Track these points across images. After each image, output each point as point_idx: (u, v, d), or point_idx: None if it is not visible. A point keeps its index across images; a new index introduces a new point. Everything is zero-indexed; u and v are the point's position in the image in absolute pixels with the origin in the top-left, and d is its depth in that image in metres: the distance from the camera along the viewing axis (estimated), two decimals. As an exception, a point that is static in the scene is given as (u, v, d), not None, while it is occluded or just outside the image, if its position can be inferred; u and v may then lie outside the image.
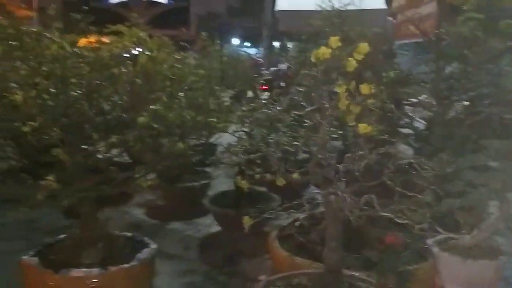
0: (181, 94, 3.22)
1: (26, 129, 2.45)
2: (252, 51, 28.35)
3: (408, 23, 10.00)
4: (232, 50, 14.50)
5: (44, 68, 2.74)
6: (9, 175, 3.32)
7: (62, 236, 3.33)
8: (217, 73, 8.78)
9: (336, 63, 2.45)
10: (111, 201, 4.91)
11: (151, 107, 2.91)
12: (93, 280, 2.87)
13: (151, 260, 3.19)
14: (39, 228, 4.29)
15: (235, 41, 31.68)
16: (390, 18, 12.04)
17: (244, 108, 4.45)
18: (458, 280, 2.31)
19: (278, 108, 3.58)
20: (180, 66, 3.35)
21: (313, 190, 3.87)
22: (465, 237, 2.27)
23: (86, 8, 3.62)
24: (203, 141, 6.27)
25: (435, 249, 2.39)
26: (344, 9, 11.69)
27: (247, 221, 2.56)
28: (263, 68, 16.87)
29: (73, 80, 2.83)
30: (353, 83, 2.40)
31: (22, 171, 2.97)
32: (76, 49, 2.92)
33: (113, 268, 2.94)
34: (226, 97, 6.82)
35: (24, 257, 3.00)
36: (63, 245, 3.22)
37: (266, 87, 10.87)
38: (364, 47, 2.39)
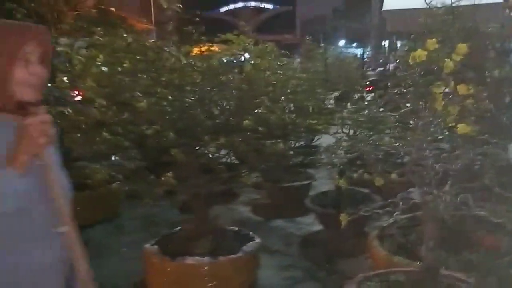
0: (282, 98, 3.43)
1: (148, 132, 2.81)
2: (359, 52, 27.96)
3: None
4: (337, 52, 14.51)
5: (163, 78, 3.11)
6: (134, 174, 3.78)
7: (177, 228, 3.71)
8: (321, 76, 8.92)
9: (434, 64, 2.50)
10: (220, 199, 5.30)
11: (255, 111, 3.16)
12: (204, 268, 3.18)
13: (256, 253, 3.44)
14: (158, 222, 4.76)
15: (341, 42, 31.48)
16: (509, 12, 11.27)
17: (346, 110, 4.55)
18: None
19: (381, 109, 3.65)
20: (282, 71, 3.56)
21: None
22: None
23: (198, 19, 3.98)
24: (306, 143, 6.46)
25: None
26: (456, 5, 11.23)
27: (343, 219, 2.69)
28: (370, 69, 16.63)
29: (187, 88, 3.17)
30: (451, 83, 2.43)
31: (145, 170, 3.38)
32: (190, 60, 3.26)
33: (221, 258, 3.23)
34: (329, 99, 6.93)
35: (146, 246, 3.41)
36: (179, 236, 3.59)
37: (372, 88, 10.73)
38: (462, 47, 2.41)
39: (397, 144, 2.80)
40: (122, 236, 4.59)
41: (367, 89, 10.27)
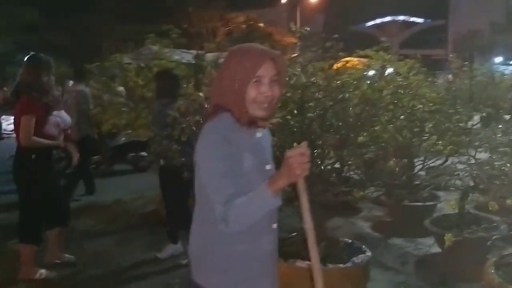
0: (402, 117, 3.50)
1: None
2: None
3: None
4: (489, 69, 13.56)
5: (288, 95, 3.41)
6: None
7: (294, 233, 3.96)
8: (465, 94, 8.49)
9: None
10: (341, 212, 5.45)
11: (371, 128, 3.30)
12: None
13: (365, 265, 3.54)
14: (280, 226, 5.07)
15: (498, 59, 29.08)
16: None
17: (483, 132, 4.38)
18: None
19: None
20: (404, 90, 3.61)
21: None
22: None
23: (338, 34, 4.20)
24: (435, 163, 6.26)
25: None
26: None
27: (448, 239, 2.70)
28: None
29: (310, 104, 3.42)
30: None
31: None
32: (313, 79, 3.50)
33: (331, 266, 3.40)
34: (473, 120, 6.59)
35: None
36: (293, 241, 3.84)
37: (526, 110, 9.88)
38: None
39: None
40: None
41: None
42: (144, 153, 8.27)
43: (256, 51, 1.67)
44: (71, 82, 8.39)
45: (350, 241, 3.93)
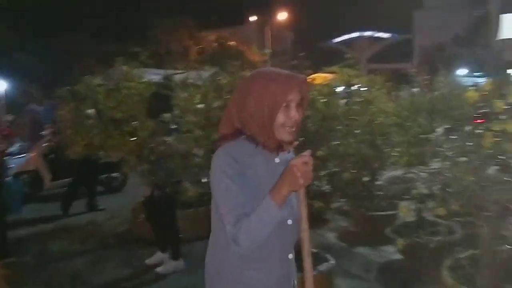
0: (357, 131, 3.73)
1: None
2: (481, 81, 26.41)
3: None
4: (451, 81, 14.03)
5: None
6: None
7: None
8: (426, 107, 8.83)
9: None
10: (310, 224, 5.64)
11: (329, 142, 3.52)
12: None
13: (329, 273, 3.73)
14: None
15: (462, 71, 30.02)
16: None
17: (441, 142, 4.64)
18: None
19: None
20: (358, 107, 3.85)
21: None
22: None
23: (305, 52, 4.43)
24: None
25: None
26: None
27: (400, 244, 2.92)
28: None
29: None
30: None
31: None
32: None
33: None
34: (435, 132, 6.86)
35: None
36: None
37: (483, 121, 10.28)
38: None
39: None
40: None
41: (477, 121, 9.88)
42: (116, 174, 8.37)
43: (285, 77, 1.65)
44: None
45: (315, 251, 4.12)
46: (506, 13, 15.74)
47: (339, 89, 6.82)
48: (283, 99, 1.62)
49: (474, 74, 30.48)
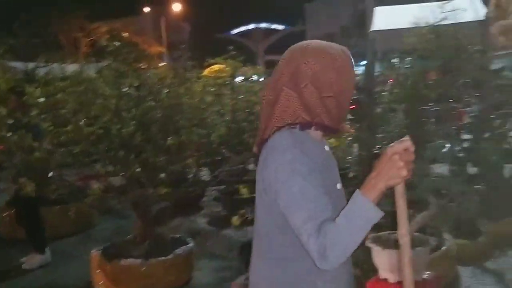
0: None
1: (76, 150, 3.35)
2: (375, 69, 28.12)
3: (499, 34, 9.67)
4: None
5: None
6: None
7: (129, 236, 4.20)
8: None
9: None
10: (185, 211, 5.85)
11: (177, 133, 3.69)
12: (136, 268, 3.69)
13: (187, 255, 3.93)
14: (126, 231, 5.29)
15: (350, 60, 31.81)
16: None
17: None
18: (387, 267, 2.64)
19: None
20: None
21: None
22: (394, 233, 2.58)
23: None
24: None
25: (371, 244, 2.76)
26: (439, 24, 11.67)
27: (235, 221, 3.20)
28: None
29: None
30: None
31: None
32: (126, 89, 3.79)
33: (152, 260, 3.73)
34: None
35: (92, 251, 3.94)
36: (125, 242, 4.10)
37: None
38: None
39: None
40: (91, 245, 5.11)
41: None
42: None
43: (345, 51, 1.43)
44: None
45: (177, 236, 4.31)
46: (379, 5, 16.98)
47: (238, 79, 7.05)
48: (354, 75, 1.44)
49: (360, 63, 32.68)
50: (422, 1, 11.90)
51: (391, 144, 1.27)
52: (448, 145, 6.80)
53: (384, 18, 15.05)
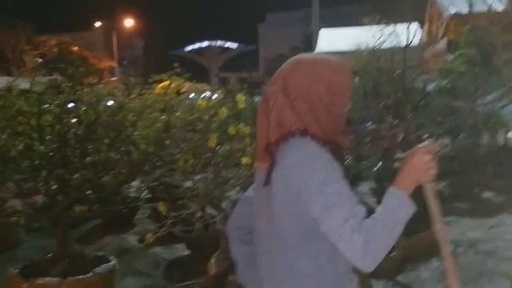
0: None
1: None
2: None
3: (429, 59, 10.23)
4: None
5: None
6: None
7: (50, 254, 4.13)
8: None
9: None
10: (117, 229, 5.80)
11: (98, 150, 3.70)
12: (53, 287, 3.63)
13: (107, 274, 3.90)
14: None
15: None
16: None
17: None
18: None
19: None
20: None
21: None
22: None
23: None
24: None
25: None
26: (379, 48, 12.09)
27: (148, 238, 3.25)
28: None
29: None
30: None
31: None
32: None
33: (70, 278, 3.69)
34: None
35: (8, 270, 3.85)
36: (45, 261, 4.03)
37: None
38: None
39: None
40: (10, 265, 4.97)
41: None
42: None
43: (340, 62, 1.50)
44: None
45: (100, 254, 4.28)
46: (325, 28, 17.57)
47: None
48: (348, 86, 1.47)
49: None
50: (363, 24, 12.46)
51: (421, 145, 1.38)
52: (380, 163, 7.11)
53: (328, 40, 15.67)
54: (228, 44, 45.53)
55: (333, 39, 14.72)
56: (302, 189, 1.34)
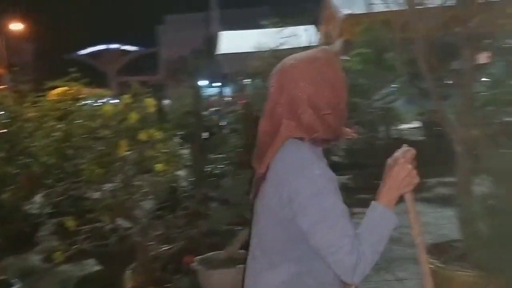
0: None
1: None
2: (226, 90, 28.68)
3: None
4: (186, 91, 14.90)
5: None
6: None
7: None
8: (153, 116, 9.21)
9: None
10: (17, 249, 5.35)
11: None
12: None
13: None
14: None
15: (204, 82, 32.29)
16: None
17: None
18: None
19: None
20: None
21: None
22: (220, 253, 2.70)
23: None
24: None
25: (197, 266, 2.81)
26: (279, 48, 12.29)
27: (58, 256, 3.05)
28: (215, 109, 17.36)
29: None
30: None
31: None
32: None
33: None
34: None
35: None
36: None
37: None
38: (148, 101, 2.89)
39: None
40: None
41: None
42: None
43: (326, 54, 1.43)
44: None
45: (3, 278, 3.93)
46: (225, 30, 17.65)
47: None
48: (344, 76, 1.42)
49: (213, 84, 33.46)
50: (262, 27, 12.73)
51: (396, 153, 1.36)
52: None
53: (229, 42, 15.74)
54: (127, 47, 44.13)
55: (234, 41, 14.86)
56: (293, 199, 1.29)
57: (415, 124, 11.14)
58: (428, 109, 7.32)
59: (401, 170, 1.33)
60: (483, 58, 4.16)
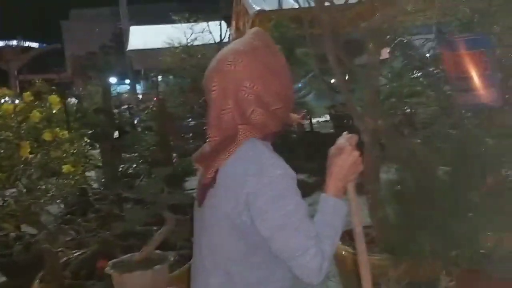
0: None
1: None
2: (138, 87, 27.85)
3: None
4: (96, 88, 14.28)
5: None
6: None
7: None
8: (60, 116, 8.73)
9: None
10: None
11: None
12: None
13: None
14: None
15: (114, 79, 31.19)
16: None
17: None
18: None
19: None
20: None
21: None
22: (135, 255, 2.63)
23: None
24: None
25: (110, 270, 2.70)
26: (191, 44, 12.14)
27: None
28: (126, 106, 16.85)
29: None
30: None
31: None
32: None
33: None
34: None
35: None
36: None
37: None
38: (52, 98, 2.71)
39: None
40: None
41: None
42: None
43: (259, 39, 1.33)
44: None
45: None
46: (134, 25, 17.16)
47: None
48: (284, 60, 1.33)
49: (125, 81, 32.43)
50: (173, 22, 12.53)
51: (340, 141, 1.32)
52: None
53: (140, 38, 15.32)
54: (28, 43, 41.29)
55: (144, 37, 14.50)
56: (251, 202, 1.22)
57: (326, 118, 11.60)
58: (338, 103, 7.64)
59: (348, 157, 1.30)
60: (385, 53, 4.41)
